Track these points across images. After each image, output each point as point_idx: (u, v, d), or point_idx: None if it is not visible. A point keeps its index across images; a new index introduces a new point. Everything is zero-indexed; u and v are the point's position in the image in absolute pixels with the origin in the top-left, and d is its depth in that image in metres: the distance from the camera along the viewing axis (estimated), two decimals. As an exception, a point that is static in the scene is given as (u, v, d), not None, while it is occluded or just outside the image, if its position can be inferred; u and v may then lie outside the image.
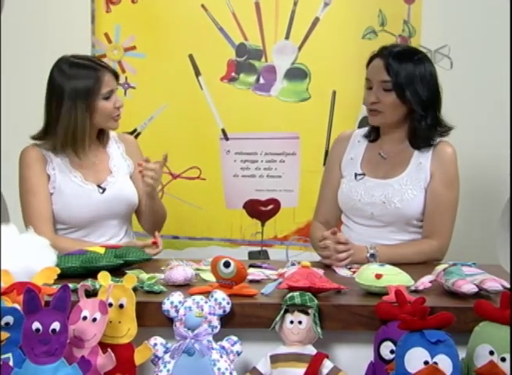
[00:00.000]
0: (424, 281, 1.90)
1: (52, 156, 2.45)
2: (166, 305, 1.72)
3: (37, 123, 2.45)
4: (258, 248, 3.27)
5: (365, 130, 2.54)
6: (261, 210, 3.27)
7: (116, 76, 2.48)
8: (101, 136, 2.54)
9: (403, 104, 2.36)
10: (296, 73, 3.22)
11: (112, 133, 2.59)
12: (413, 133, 2.40)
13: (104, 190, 2.48)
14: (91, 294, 1.75)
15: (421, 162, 2.40)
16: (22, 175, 2.45)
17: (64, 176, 2.45)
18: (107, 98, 2.42)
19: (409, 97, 2.34)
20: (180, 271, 1.91)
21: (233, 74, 3.23)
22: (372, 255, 2.24)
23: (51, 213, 2.44)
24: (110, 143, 2.57)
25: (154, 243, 2.33)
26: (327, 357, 1.70)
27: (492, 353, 1.58)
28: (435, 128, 2.40)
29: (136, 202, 2.55)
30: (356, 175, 2.47)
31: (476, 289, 1.80)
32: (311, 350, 1.70)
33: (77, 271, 1.99)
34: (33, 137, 2.46)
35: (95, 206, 2.45)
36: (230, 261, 1.81)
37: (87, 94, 2.38)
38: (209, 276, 1.93)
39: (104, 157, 2.54)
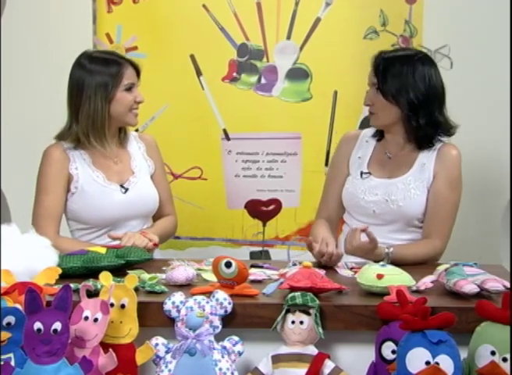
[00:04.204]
0: (426, 281, 1.90)
1: (75, 155, 2.45)
2: (168, 305, 1.72)
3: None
4: (260, 249, 3.27)
5: (373, 130, 2.55)
6: (262, 210, 3.27)
7: (138, 71, 2.49)
8: (121, 135, 2.54)
9: (393, 105, 2.38)
10: (298, 73, 3.22)
11: (133, 133, 2.61)
12: (410, 133, 2.41)
13: (126, 190, 2.47)
14: (93, 294, 1.75)
15: (425, 163, 2.41)
16: (40, 172, 2.45)
17: (86, 176, 2.44)
18: (128, 90, 2.44)
19: (394, 97, 2.36)
20: (182, 271, 1.91)
21: (235, 74, 3.23)
22: (387, 254, 2.24)
23: (60, 214, 2.44)
24: (131, 142, 2.57)
25: (155, 245, 2.33)
26: (328, 357, 1.70)
27: (493, 353, 1.58)
28: (434, 127, 2.39)
29: (157, 203, 2.55)
30: (362, 173, 2.47)
31: (477, 289, 1.79)
32: (312, 350, 1.70)
33: (79, 271, 1.99)
34: (58, 136, 2.46)
35: (117, 206, 2.45)
36: (232, 261, 1.81)
37: (106, 85, 2.39)
38: (210, 277, 1.93)
39: (126, 157, 2.54)
